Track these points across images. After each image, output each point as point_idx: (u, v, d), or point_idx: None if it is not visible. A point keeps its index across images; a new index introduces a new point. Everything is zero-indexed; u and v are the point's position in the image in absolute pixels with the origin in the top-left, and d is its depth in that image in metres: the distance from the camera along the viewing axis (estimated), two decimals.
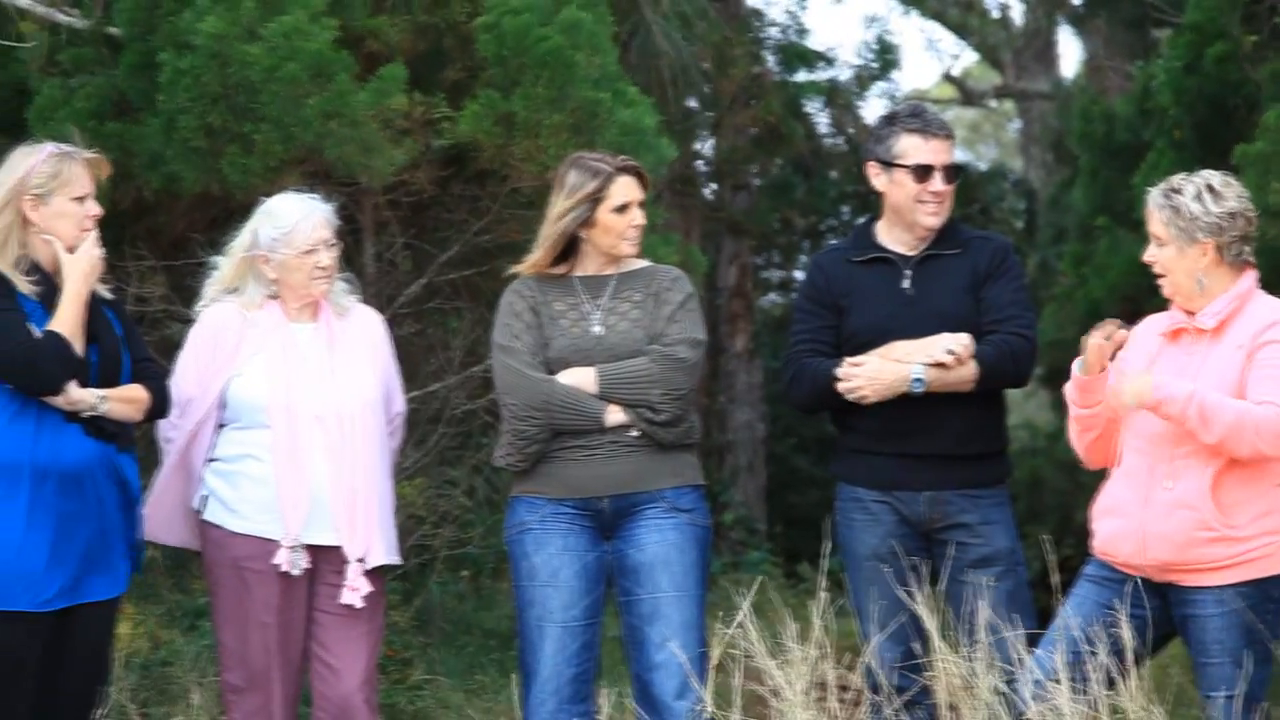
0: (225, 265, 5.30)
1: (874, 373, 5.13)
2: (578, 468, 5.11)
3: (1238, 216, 4.86)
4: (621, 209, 5.15)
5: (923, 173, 5.25)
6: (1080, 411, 5.05)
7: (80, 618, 4.93)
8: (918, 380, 5.13)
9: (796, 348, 5.34)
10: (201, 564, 5.32)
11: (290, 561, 5.10)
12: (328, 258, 5.23)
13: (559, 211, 5.16)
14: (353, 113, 6.26)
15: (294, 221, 5.20)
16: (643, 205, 5.20)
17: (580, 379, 5.11)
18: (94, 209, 5.01)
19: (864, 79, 11.64)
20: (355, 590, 5.13)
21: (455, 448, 8.11)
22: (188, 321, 5.43)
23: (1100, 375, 4.97)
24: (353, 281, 5.47)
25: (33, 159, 4.95)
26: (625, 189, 5.16)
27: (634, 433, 5.11)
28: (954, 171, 5.30)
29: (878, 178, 5.33)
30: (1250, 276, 4.91)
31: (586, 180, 5.14)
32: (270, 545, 5.11)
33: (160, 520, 5.25)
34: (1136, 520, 4.85)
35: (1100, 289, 9.02)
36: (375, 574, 5.20)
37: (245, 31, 6.25)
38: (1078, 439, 5.11)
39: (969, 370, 5.15)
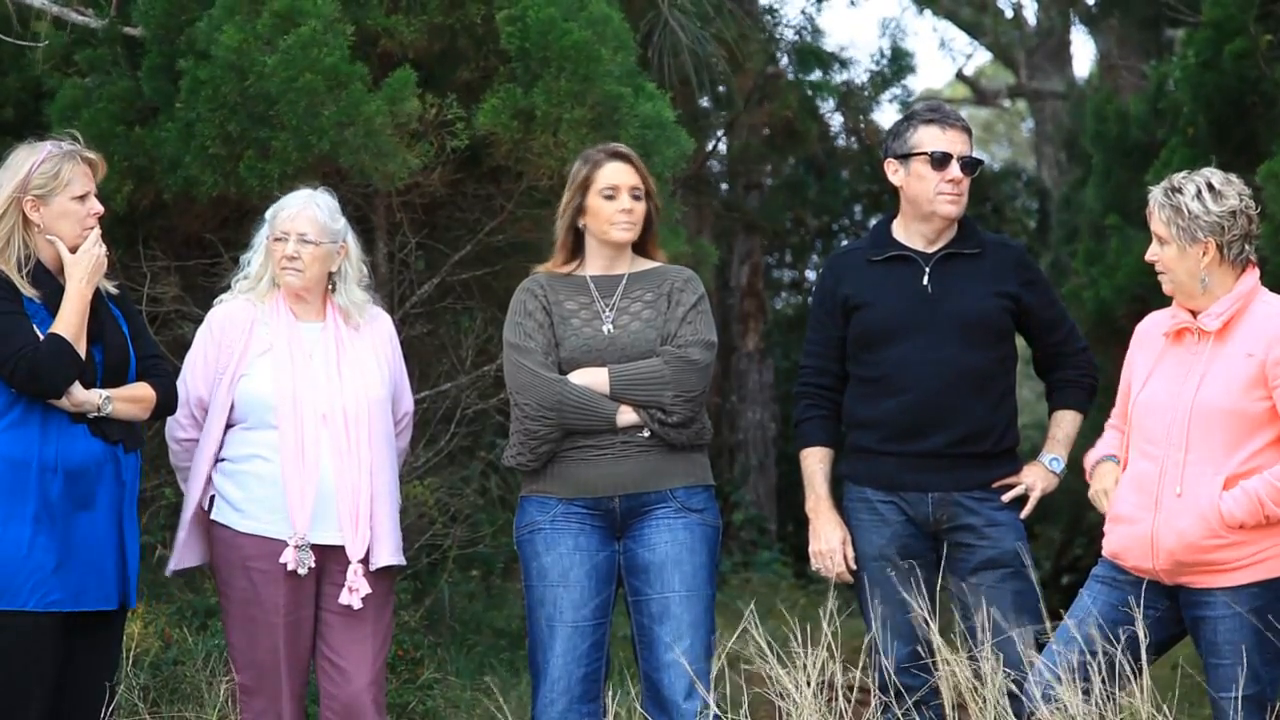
0: (255, 261, 5.31)
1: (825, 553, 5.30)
2: (588, 467, 5.11)
3: (1239, 215, 4.82)
4: (610, 194, 5.16)
5: (940, 160, 5.23)
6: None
7: (89, 617, 4.92)
8: (1055, 460, 5.38)
9: (804, 377, 5.42)
10: (212, 563, 5.33)
11: (297, 561, 5.09)
12: (296, 249, 5.20)
13: (562, 205, 5.22)
14: (367, 121, 6.27)
15: (278, 208, 5.25)
16: (636, 194, 5.19)
17: (592, 379, 5.10)
18: (96, 207, 5.00)
19: (877, 83, 11.62)
20: (354, 591, 5.12)
21: (466, 447, 8.11)
22: (200, 321, 5.42)
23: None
24: (373, 293, 5.45)
25: (33, 159, 4.93)
26: (613, 173, 5.17)
27: (645, 433, 5.11)
28: (972, 163, 5.29)
29: (895, 173, 5.31)
30: (1253, 276, 4.87)
31: (580, 168, 5.20)
32: (277, 545, 5.10)
33: (192, 534, 5.25)
34: (1146, 525, 4.83)
35: (1108, 289, 8.99)
36: (383, 574, 5.20)
37: (263, 43, 6.27)
38: None
39: (1073, 426, 5.43)
